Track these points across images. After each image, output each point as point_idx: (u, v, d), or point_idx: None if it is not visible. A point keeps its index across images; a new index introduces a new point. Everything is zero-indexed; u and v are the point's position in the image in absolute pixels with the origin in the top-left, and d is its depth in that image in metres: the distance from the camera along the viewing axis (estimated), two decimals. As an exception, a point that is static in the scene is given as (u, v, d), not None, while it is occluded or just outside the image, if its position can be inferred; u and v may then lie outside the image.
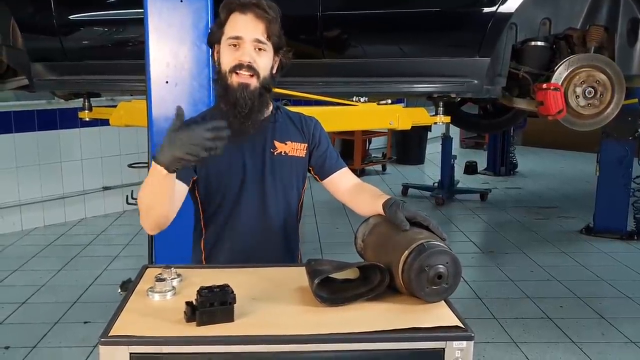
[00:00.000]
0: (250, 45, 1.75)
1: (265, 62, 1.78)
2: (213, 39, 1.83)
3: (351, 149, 8.39)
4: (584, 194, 6.89)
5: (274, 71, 1.84)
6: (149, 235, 2.73)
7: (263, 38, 1.76)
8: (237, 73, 1.76)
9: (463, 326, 1.33)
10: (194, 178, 1.84)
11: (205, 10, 2.43)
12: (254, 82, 1.76)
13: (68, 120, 5.73)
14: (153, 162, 1.54)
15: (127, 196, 3.92)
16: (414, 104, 6.26)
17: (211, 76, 1.86)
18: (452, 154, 7.22)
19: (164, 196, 1.63)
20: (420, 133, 8.97)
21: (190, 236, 1.99)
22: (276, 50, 1.81)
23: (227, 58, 1.78)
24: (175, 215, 1.74)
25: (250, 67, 1.75)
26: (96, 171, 6.18)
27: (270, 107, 1.90)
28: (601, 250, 5.21)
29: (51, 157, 5.87)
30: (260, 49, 1.76)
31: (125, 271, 4.31)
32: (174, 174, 1.58)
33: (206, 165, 1.84)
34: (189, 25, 2.43)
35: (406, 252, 1.45)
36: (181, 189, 1.76)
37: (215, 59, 1.83)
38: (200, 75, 2.45)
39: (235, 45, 1.76)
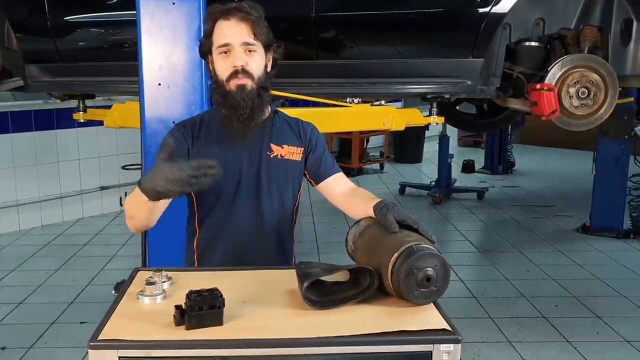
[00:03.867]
0: (240, 49, 1.77)
1: (257, 62, 1.80)
2: (204, 50, 1.85)
3: (349, 148, 8.40)
4: (582, 193, 6.90)
5: (269, 69, 1.86)
6: (142, 237, 2.74)
7: (251, 39, 1.78)
8: (233, 78, 1.78)
9: (451, 329, 1.33)
10: None
11: (198, 12, 2.43)
12: (250, 83, 1.79)
13: (65, 120, 5.72)
14: (137, 186, 1.59)
15: (120, 198, 3.94)
16: (411, 104, 6.29)
17: (204, 80, 1.88)
18: (450, 152, 7.22)
19: (144, 212, 1.69)
20: (417, 132, 8.99)
21: (184, 238, 2.00)
22: (266, 48, 1.83)
23: (221, 67, 1.80)
24: (160, 219, 1.79)
25: (244, 71, 1.78)
26: (93, 171, 6.19)
27: (269, 110, 1.92)
28: (597, 249, 5.22)
29: (48, 157, 5.88)
30: (250, 51, 1.78)
31: (122, 271, 4.31)
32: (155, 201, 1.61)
33: None
34: (181, 28, 2.43)
35: (395, 255, 1.46)
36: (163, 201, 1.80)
37: (210, 69, 1.86)
38: (192, 77, 2.45)
39: (226, 52, 1.78)
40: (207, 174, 1.51)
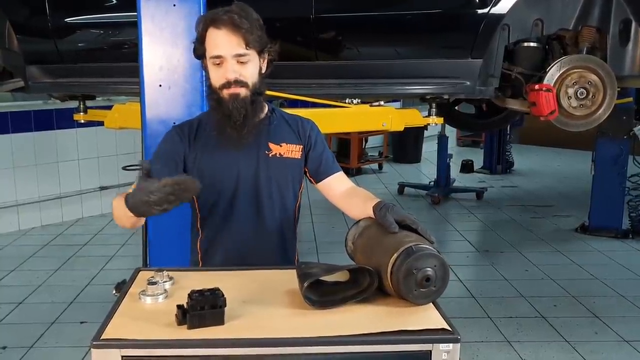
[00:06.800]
0: (232, 60, 1.76)
1: (251, 71, 1.80)
2: (198, 53, 1.85)
3: (348, 148, 8.42)
4: (580, 192, 6.91)
5: (263, 71, 1.85)
6: (143, 236, 2.75)
7: (243, 50, 1.76)
8: (226, 88, 1.79)
9: (450, 328, 1.34)
10: None
11: (198, 13, 2.42)
12: (243, 91, 1.79)
13: (65, 120, 5.73)
14: (123, 198, 1.58)
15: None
16: (410, 105, 6.29)
17: (204, 82, 1.88)
18: (449, 152, 7.23)
19: (130, 220, 1.66)
20: (416, 132, 9.00)
21: (185, 238, 2.01)
22: (260, 53, 1.82)
23: (214, 75, 1.80)
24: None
25: (237, 82, 1.78)
26: (93, 171, 6.20)
27: (265, 110, 1.92)
28: (596, 249, 5.23)
29: (48, 157, 5.89)
30: (243, 62, 1.77)
31: (122, 271, 4.33)
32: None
33: (200, 165, 1.86)
34: (181, 29, 2.44)
35: (395, 255, 1.47)
36: None
37: (206, 71, 1.85)
38: (193, 78, 2.46)
39: (218, 63, 1.78)
40: (186, 190, 1.50)
